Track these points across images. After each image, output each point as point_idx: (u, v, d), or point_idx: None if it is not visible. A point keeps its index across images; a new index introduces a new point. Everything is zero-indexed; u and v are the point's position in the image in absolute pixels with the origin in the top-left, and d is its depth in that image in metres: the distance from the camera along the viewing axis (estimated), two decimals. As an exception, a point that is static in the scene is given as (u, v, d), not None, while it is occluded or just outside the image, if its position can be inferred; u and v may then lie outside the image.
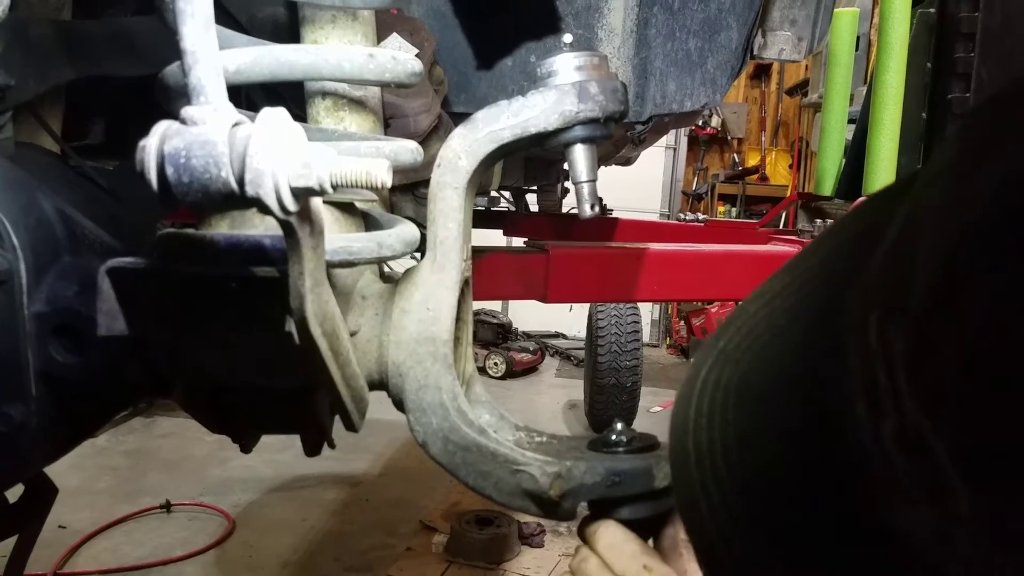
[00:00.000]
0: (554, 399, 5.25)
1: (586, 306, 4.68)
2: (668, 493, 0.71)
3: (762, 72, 7.60)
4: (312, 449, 0.81)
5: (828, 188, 2.56)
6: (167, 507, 3.22)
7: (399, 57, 0.75)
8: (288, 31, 0.86)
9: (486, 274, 1.41)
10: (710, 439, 0.44)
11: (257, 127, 0.48)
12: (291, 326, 0.64)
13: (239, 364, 0.71)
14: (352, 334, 0.74)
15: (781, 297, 0.47)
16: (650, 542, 0.72)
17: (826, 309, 0.40)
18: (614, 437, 0.71)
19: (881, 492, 0.33)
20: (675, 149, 7.21)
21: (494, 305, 6.56)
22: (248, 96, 0.92)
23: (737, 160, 7.71)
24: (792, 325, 0.44)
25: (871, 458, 0.33)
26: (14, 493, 0.94)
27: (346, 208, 0.80)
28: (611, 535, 0.68)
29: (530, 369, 5.85)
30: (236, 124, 0.49)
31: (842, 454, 0.35)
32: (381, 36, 0.87)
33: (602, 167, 2.30)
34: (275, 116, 0.49)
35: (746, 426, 0.43)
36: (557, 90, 0.73)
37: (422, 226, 0.78)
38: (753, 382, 0.44)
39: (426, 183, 0.76)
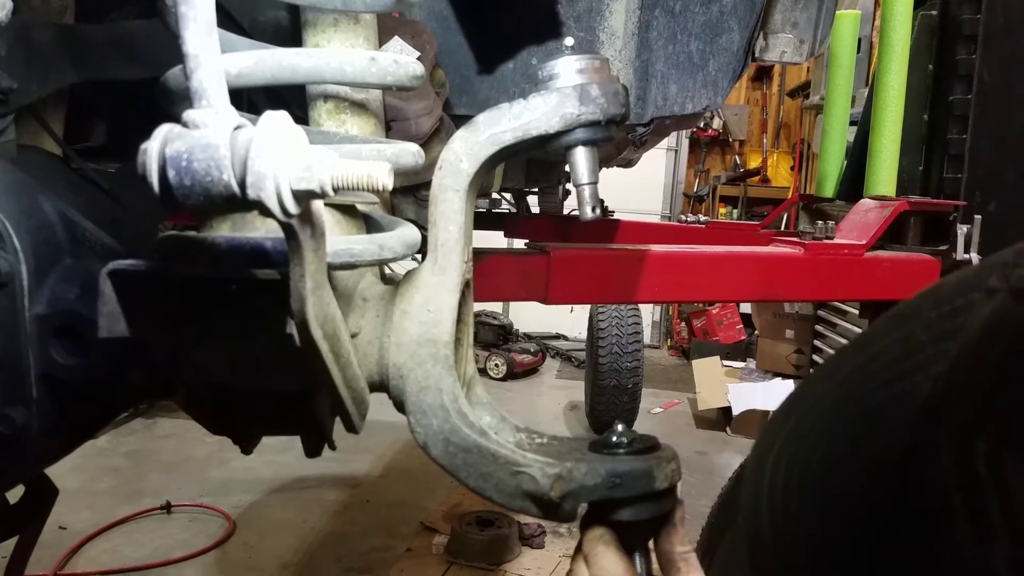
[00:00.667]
0: (555, 400, 5.25)
1: (587, 307, 4.68)
2: (669, 494, 0.71)
3: (763, 74, 7.60)
4: (313, 450, 0.82)
5: (830, 190, 2.56)
6: (167, 508, 3.23)
7: (401, 60, 0.75)
8: (290, 34, 0.86)
9: (487, 275, 1.41)
10: (787, 524, 0.45)
11: (259, 130, 0.48)
12: (292, 328, 0.64)
13: (240, 366, 0.71)
14: (353, 336, 0.74)
15: (853, 380, 0.47)
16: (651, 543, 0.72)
17: (908, 404, 0.40)
18: (615, 439, 0.71)
19: None
20: (676, 151, 7.21)
21: (495, 306, 6.56)
22: (250, 99, 0.92)
23: (738, 162, 7.71)
24: (871, 413, 0.44)
25: (972, 566, 0.33)
26: (15, 494, 0.94)
27: (347, 210, 0.80)
28: (607, 561, 0.68)
29: (531, 370, 5.85)
30: (238, 127, 0.49)
31: (931, 559, 0.36)
32: (383, 39, 0.87)
33: (603, 169, 2.30)
34: (277, 119, 0.49)
35: (827, 512, 0.43)
36: (558, 93, 0.73)
37: (423, 228, 0.78)
38: (830, 469, 0.44)
39: (427, 185, 0.76)
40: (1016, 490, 0.33)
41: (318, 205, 0.57)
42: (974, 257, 1.78)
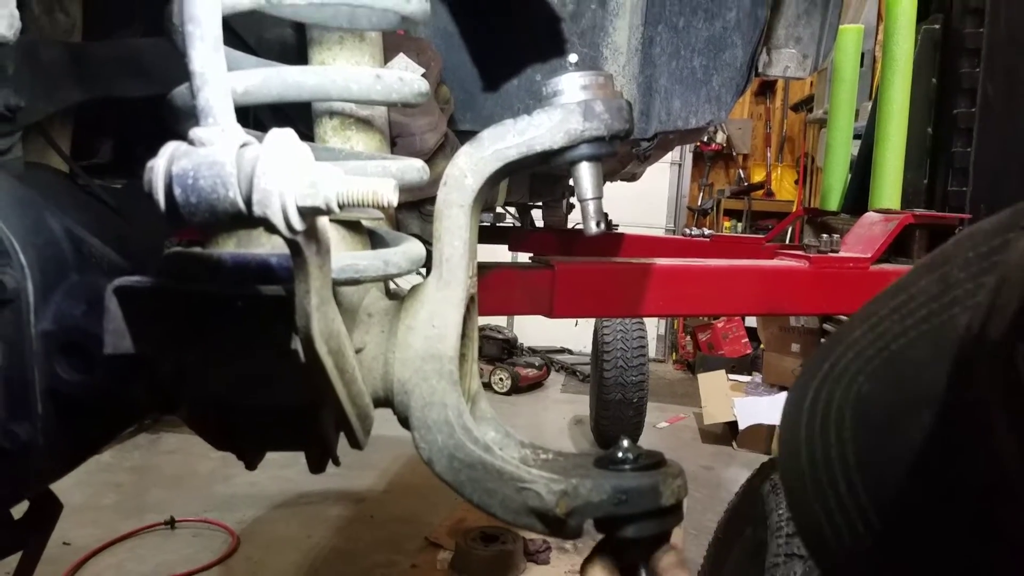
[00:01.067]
0: (560, 415, 5.23)
1: (592, 321, 4.67)
2: (674, 511, 0.70)
3: (767, 88, 7.62)
4: (317, 466, 0.81)
5: (834, 203, 2.56)
6: (171, 523, 3.22)
7: (406, 77, 0.76)
8: (296, 52, 0.87)
9: (492, 290, 1.41)
10: (826, 458, 0.45)
11: (264, 148, 0.49)
12: (297, 344, 0.64)
13: (245, 382, 0.71)
14: (358, 351, 0.74)
15: (889, 320, 0.47)
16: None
17: (945, 335, 0.41)
18: (620, 454, 0.71)
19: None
20: (680, 165, 7.22)
21: (500, 320, 6.55)
22: (256, 116, 0.92)
23: (742, 176, 7.71)
24: (908, 349, 0.45)
25: (1016, 482, 0.33)
26: (19, 509, 0.94)
27: (352, 226, 0.80)
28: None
29: (536, 384, 5.83)
30: (244, 145, 0.49)
31: (979, 477, 0.37)
32: (388, 56, 0.88)
33: (608, 183, 2.31)
34: (282, 137, 0.49)
35: (869, 448, 0.44)
36: (562, 109, 0.73)
37: (428, 243, 0.78)
38: (872, 404, 0.45)
39: (432, 201, 0.76)
40: None
41: (323, 221, 0.57)
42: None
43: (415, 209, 1.06)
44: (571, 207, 3.15)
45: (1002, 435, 0.35)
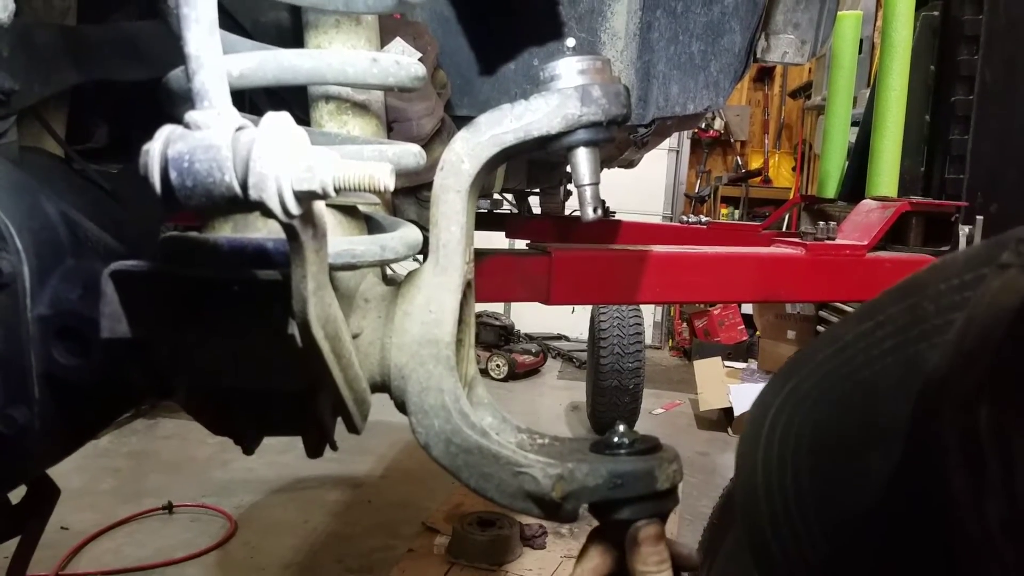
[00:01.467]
0: (556, 401, 5.25)
1: (588, 308, 4.68)
2: (670, 495, 0.71)
3: (765, 75, 7.60)
4: (314, 451, 0.82)
5: (831, 190, 2.56)
6: (169, 508, 3.23)
7: (402, 61, 0.75)
8: (292, 35, 0.86)
9: (488, 276, 1.41)
10: (781, 482, 0.45)
11: (260, 131, 0.48)
12: (294, 328, 0.64)
13: (242, 366, 0.71)
14: (354, 336, 0.74)
15: (855, 347, 0.47)
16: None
17: (913, 371, 0.41)
18: (616, 439, 0.71)
19: (974, 560, 0.34)
20: (678, 152, 7.21)
21: (496, 307, 6.56)
22: (252, 100, 0.92)
23: (740, 163, 7.70)
24: (872, 379, 0.45)
25: (966, 524, 0.34)
26: (16, 494, 0.94)
27: (349, 211, 0.80)
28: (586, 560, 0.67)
29: (532, 371, 5.85)
30: (240, 128, 0.49)
31: (931, 512, 0.37)
32: (384, 40, 0.87)
33: (605, 169, 2.30)
34: (278, 120, 0.49)
35: (824, 475, 0.44)
36: (560, 94, 0.73)
37: (424, 229, 0.78)
38: (831, 432, 0.45)
39: (429, 186, 0.76)
40: (1018, 455, 0.33)
41: (320, 206, 0.57)
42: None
43: (412, 195, 1.06)
44: (568, 194, 3.15)
45: (959, 482, 0.35)
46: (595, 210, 0.79)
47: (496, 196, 3.16)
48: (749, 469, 0.47)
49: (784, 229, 3.62)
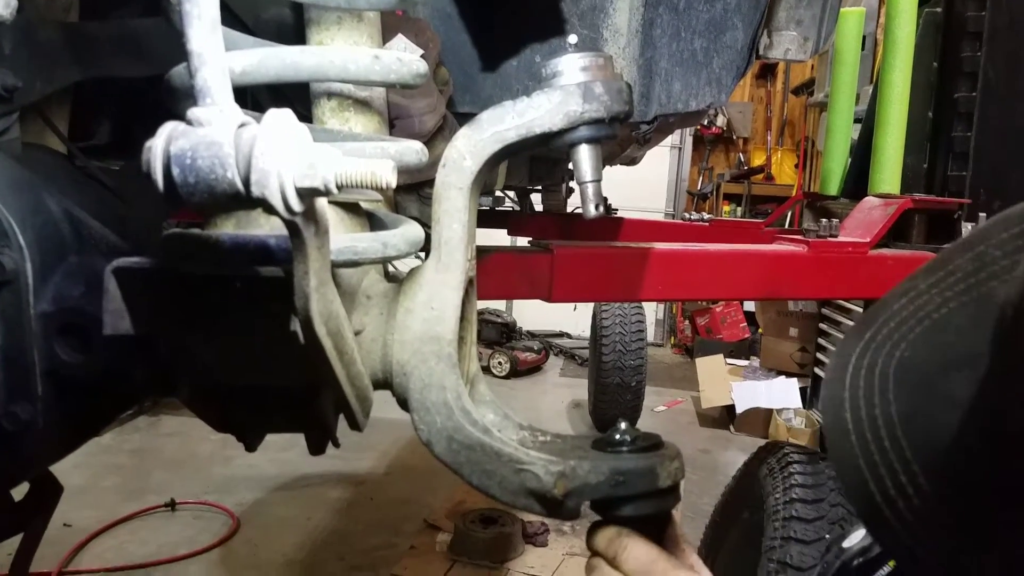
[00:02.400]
0: (558, 398, 5.25)
1: (590, 305, 4.67)
2: (672, 492, 0.71)
3: (768, 71, 7.58)
4: (317, 448, 0.82)
5: (834, 187, 2.55)
6: (172, 505, 3.23)
7: (404, 58, 0.75)
8: (293, 32, 0.86)
9: (490, 273, 1.41)
10: (870, 415, 0.48)
11: (262, 128, 0.48)
12: (296, 325, 0.64)
13: (244, 363, 0.72)
14: (356, 333, 0.74)
15: (928, 294, 0.51)
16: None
17: (986, 305, 0.45)
18: (618, 436, 0.71)
19: None
20: (680, 148, 7.20)
21: (498, 304, 6.56)
22: (254, 97, 0.92)
23: (742, 159, 7.69)
24: (948, 318, 0.49)
25: None
26: (19, 491, 0.95)
27: (351, 208, 0.80)
28: (640, 551, 0.67)
29: (534, 368, 5.85)
30: (242, 125, 0.49)
31: (1013, 423, 0.41)
32: (386, 37, 0.87)
33: (607, 166, 2.30)
34: (280, 117, 0.49)
35: (912, 404, 0.47)
36: (562, 90, 0.73)
37: (426, 226, 0.78)
38: (913, 368, 0.49)
39: (431, 183, 0.76)
40: None
41: (322, 203, 0.57)
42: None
43: (414, 192, 1.06)
44: (570, 191, 3.15)
45: None
46: (597, 207, 0.79)
47: (498, 193, 3.17)
48: (836, 411, 0.51)
49: (787, 226, 3.62)
